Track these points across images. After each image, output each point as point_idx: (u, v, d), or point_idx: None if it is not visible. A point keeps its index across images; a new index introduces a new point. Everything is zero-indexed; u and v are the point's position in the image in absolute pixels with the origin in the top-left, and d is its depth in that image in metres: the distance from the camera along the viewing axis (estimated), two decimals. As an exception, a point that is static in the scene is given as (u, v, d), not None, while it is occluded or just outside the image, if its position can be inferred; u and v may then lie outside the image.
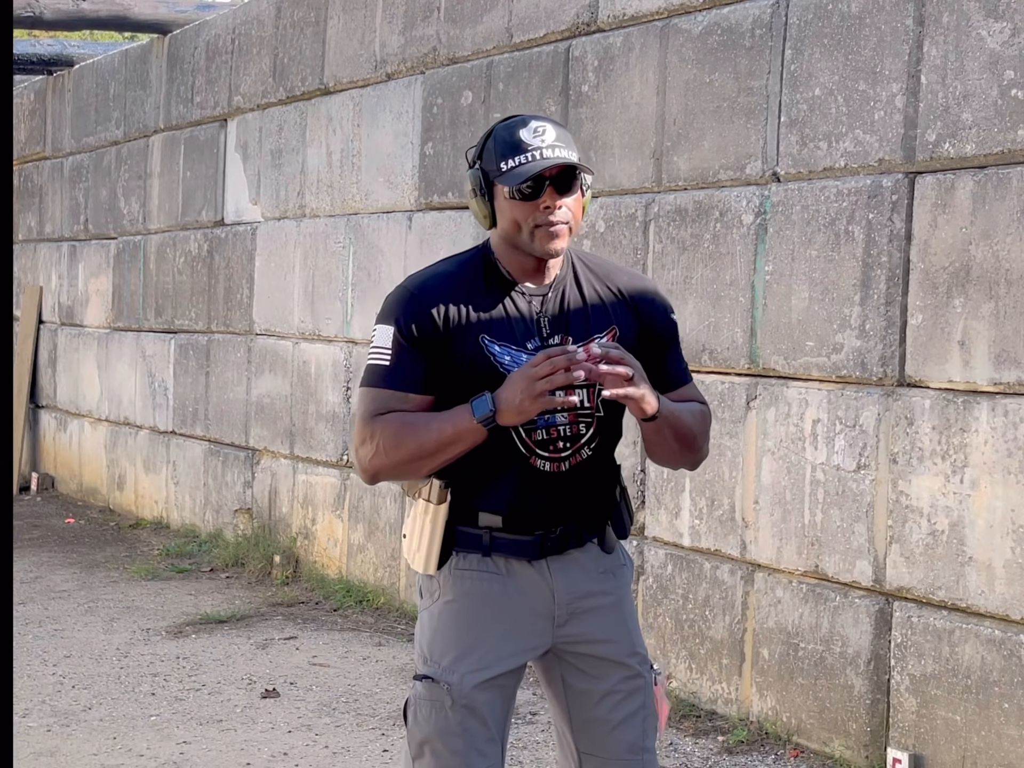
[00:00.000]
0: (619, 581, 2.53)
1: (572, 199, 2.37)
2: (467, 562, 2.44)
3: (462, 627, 2.43)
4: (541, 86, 5.30)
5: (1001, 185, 3.70)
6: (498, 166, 2.36)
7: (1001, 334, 3.70)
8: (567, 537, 2.45)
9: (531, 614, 2.44)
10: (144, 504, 8.45)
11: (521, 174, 2.32)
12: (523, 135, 2.35)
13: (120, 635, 5.77)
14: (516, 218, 2.36)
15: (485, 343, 2.38)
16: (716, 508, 4.58)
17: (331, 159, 6.64)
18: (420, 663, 2.46)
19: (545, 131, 2.36)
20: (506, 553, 2.43)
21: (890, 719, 4.01)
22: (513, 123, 2.39)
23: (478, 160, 2.42)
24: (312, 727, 4.60)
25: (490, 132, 2.43)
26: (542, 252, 2.38)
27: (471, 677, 2.39)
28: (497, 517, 2.41)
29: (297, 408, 6.88)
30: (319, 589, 6.50)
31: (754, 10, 4.44)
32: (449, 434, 2.31)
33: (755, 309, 4.43)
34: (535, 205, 2.35)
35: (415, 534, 2.47)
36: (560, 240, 2.37)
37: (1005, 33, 3.70)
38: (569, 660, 2.49)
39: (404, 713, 2.44)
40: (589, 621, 2.47)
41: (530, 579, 2.44)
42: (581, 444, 2.43)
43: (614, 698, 2.48)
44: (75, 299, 9.47)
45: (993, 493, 3.73)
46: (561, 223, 2.36)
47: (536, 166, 2.32)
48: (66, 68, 9.55)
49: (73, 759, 4.27)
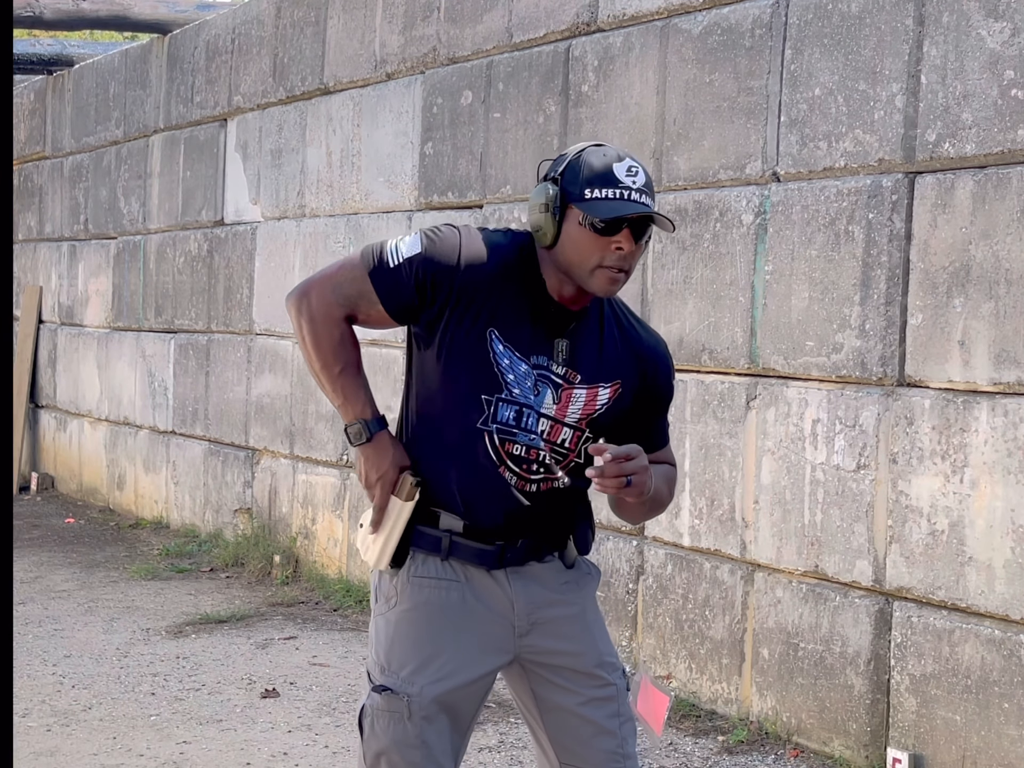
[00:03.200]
0: (582, 592, 2.49)
1: (640, 247, 2.34)
2: (425, 568, 2.39)
3: (421, 637, 2.37)
4: (541, 86, 5.31)
5: (1001, 185, 3.70)
6: (582, 192, 2.29)
7: (1001, 334, 3.70)
8: (528, 550, 2.41)
9: (491, 623, 2.40)
10: (144, 504, 8.45)
11: (611, 209, 2.27)
12: (616, 170, 2.30)
13: (120, 635, 5.77)
14: (584, 249, 2.30)
15: (492, 337, 2.33)
16: (716, 508, 4.58)
17: (331, 159, 6.64)
18: (377, 672, 2.39)
19: (638, 173, 2.31)
20: (464, 559, 2.38)
21: (890, 719, 4.01)
22: (607, 153, 2.33)
23: (559, 177, 2.34)
24: (312, 727, 4.60)
25: (577, 152, 2.35)
26: (596, 291, 2.34)
27: (431, 688, 2.34)
28: (459, 521, 2.37)
29: (297, 408, 6.88)
30: (319, 589, 6.50)
31: (754, 10, 4.44)
32: (336, 403, 2.39)
33: (755, 309, 4.43)
34: (607, 243, 2.29)
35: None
36: (618, 285, 2.34)
37: (1005, 33, 3.70)
38: (537, 671, 2.45)
39: (360, 723, 2.38)
40: (551, 632, 2.43)
41: (489, 587, 2.40)
42: (556, 477, 2.40)
43: (586, 709, 2.44)
44: (75, 299, 9.47)
45: (993, 493, 3.73)
46: (623, 272, 2.32)
47: (627, 208, 2.27)
48: (66, 68, 9.55)
49: (73, 759, 4.27)
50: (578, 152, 2.35)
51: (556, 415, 2.38)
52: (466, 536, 2.38)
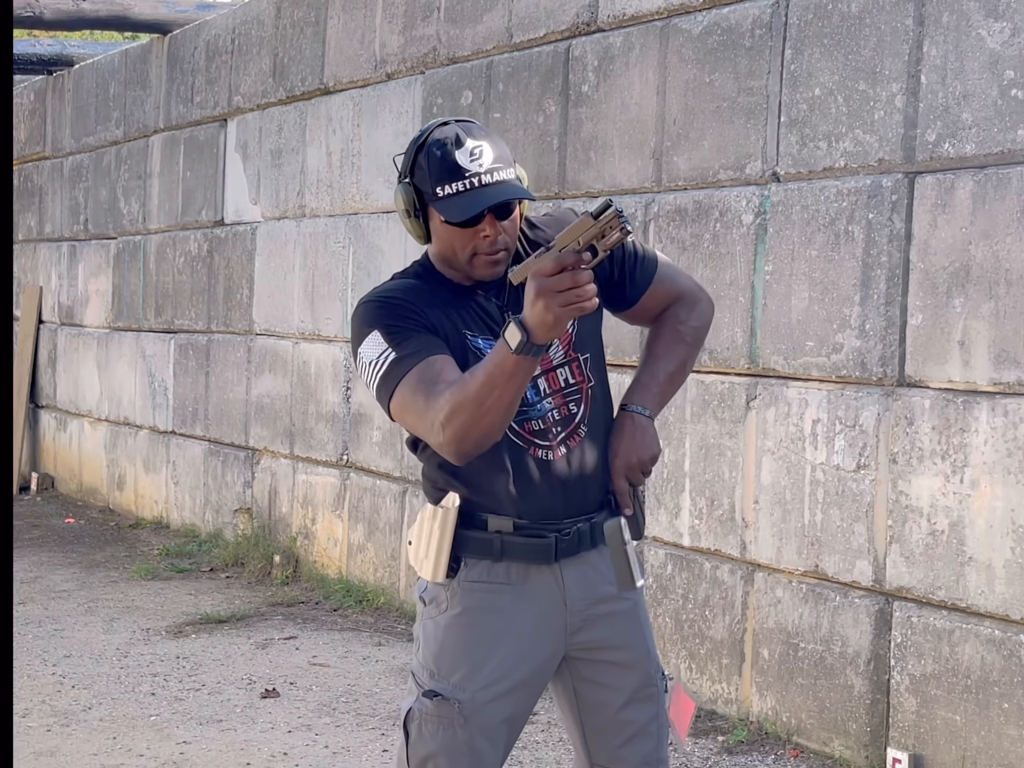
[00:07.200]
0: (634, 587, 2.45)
1: (510, 220, 2.30)
2: (476, 572, 2.36)
3: (472, 642, 2.35)
4: (541, 86, 5.30)
5: (1001, 185, 3.70)
6: (434, 190, 2.25)
7: (1001, 334, 3.70)
8: (580, 537, 2.37)
9: (542, 624, 2.36)
10: (144, 504, 8.45)
11: (462, 207, 2.23)
12: (460, 158, 2.24)
13: (120, 635, 5.77)
14: (455, 243, 2.29)
15: (469, 339, 2.32)
16: (716, 508, 4.58)
17: (331, 159, 6.64)
18: (426, 677, 2.36)
19: (482, 152, 2.25)
20: (519, 558, 2.34)
21: (890, 719, 4.01)
22: (446, 140, 2.26)
23: (409, 176, 2.30)
24: (312, 727, 4.60)
25: (421, 144, 2.30)
26: (482, 277, 2.32)
27: (482, 694, 2.32)
28: (508, 520, 2.33)
29: (297, 408, 6.88)
30: (319, 589, 6.50)
31: (754, 10, 4.44)
32: (501, 378, 2.09)
33: (755, 309, 4.43)
34: (474, 232, 2.26)
35: (422, 540, 2.38)
36: (501, 264, 2.31)
37: (1005, 33, 3.70)
38: (581, 670, 2.42)
39: (405, 726, 2.36)
40: (605, 627, 2.40)
41: (541, 588, 2.36)
42: (576, 424, 2.36)
43: (628, 709, 2.41)
44: (75, 299, 9.47)
45: (993, 493, 3.73)
46: (501, 251, 2.29)
47: (478, 201, 2.22)
48: (66, 68, 9.55)
49: (73, 759, 4.27)
50: (422, 143, 2.30)
51: (543, 368, 2.35)
52: (517, 533, 2.34)
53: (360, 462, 6.42)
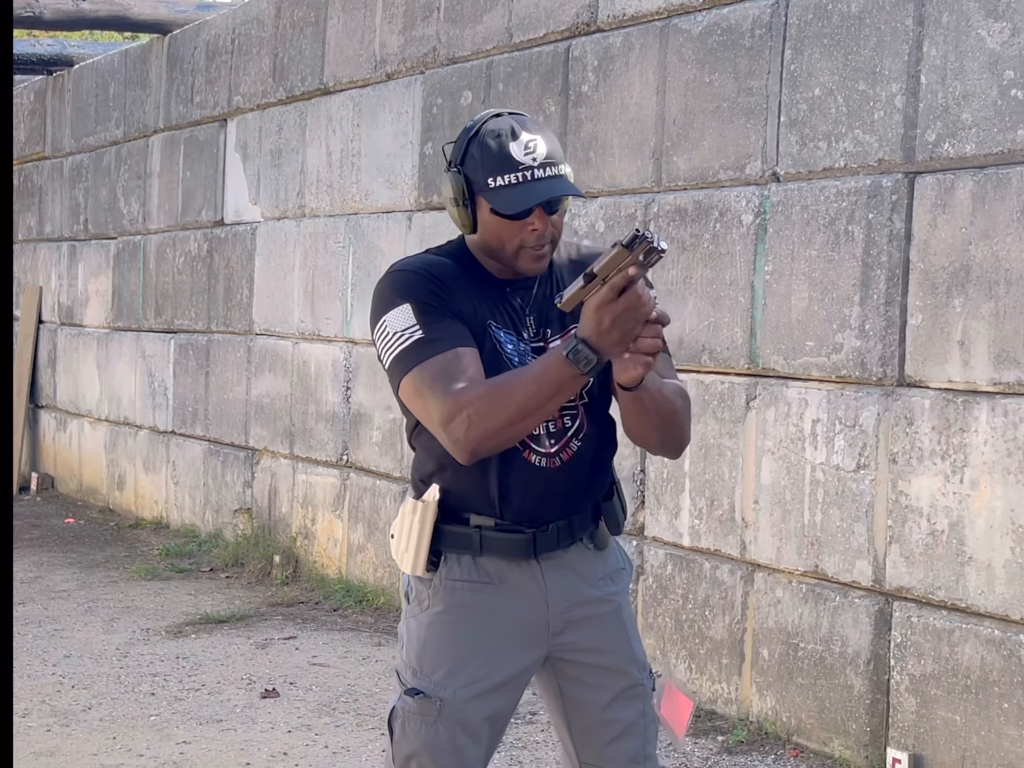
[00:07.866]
0: (618, 587, 2.46)
1: (558, 215, 2.31)
2: (458, 570, 2.36)
3: (454, 640, 2.35)
4: (541, 86, 5.30)
5: (1001, 185, 3.70)
6: (485, 181, 2.26)
7: (1001, 334, 3.70)
8: (560, 534, 2.37)
9: (525, 623, 2.37)
10: (144, 504, 8.45)
11: (514, 199, 2.24)
12: (514, 151, 2.25)
13: (120, 635, 5.77)
14: (502, 235, 2.29)
15: (492, 329, 2.32)
16: (716, 508, 4.58)
17: (331, 159, 6.64)
18: (409, 675, 2.37)
19: (536, 146, 2.26)
20: (498, 553, 2.35)
21: (890, 719, 4.01)
22: (501, 132, 2.27)
23: (460, 165, 2.31)
24: (312, 727, 4.60)
25: (474, 133, 2.31)
26: (525, 271, 2.32)
27: (464, 692, 2.32)
28: (490, 519, 2.34)
29: (297, 408, 6.88)
30: (319, 589, 6.50)
31: (754, 10, 4.44)
32: (550, 389, 2.12)
33: (755, 309, 4.43)
34: (522, 225, 2.27)
35: (403, 534, 2.38)
36: (544, 260, 2.31)
37: (1005, 33, 3.70)
38: (565, 670, 2.43)
39: (390, 724, 2.36)
40: (586, 629, 2.40)
41: (523, 587, 2.37)
42: (568, 438, 2.36)
43: (614, 708, 2.42)
44: (75, 299, 9.47)
45: (993, 493, 3.73)
46: (546, 245, 2.30)
47: (530, 195, 2.24)
48: (66, 68, 9.55)
49: (73, 759, 4.27)
50: (475, 132, 2.31)
51: None
52: (497, 529, 2.34)
53: (360, 462, 6.42)
